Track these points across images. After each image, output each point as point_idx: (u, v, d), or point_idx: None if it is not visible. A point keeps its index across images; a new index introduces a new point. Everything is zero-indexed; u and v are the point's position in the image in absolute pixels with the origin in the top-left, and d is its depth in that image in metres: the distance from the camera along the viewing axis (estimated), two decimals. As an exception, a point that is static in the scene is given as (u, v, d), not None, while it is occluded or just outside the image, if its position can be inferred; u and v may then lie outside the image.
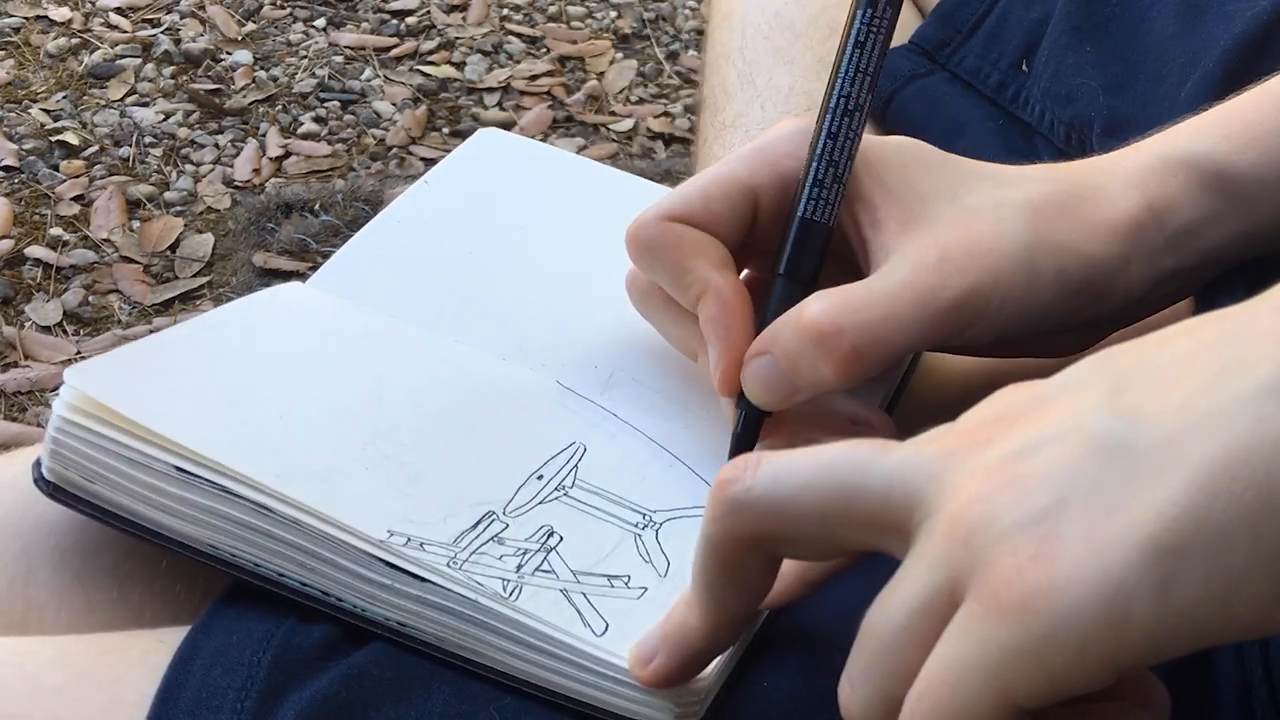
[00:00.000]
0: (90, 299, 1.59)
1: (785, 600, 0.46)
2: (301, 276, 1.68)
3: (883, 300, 0.50)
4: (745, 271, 0.55)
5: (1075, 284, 0.51)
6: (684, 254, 0.53)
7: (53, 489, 0.51)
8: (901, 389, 0.59)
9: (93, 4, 1.97)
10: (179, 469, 0.49)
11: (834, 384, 0.50)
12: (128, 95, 1.83)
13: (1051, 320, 0.52)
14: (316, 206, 1.67)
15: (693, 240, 0.53)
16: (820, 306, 0.50)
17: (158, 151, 1.76)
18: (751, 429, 0.52)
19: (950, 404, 0.41)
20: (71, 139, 1.76)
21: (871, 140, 0.54)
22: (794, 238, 0.53)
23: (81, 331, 1.56)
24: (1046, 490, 0.35)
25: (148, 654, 0.49)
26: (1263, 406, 0.33)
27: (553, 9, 2.04)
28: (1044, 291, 0.51)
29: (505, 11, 2.03)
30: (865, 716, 0.38)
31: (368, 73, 1.89)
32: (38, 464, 0.52)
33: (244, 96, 1.85)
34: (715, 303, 0.52)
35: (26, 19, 1.93)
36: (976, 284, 0.50)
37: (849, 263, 0.54)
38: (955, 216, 0.51)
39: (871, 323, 0.49)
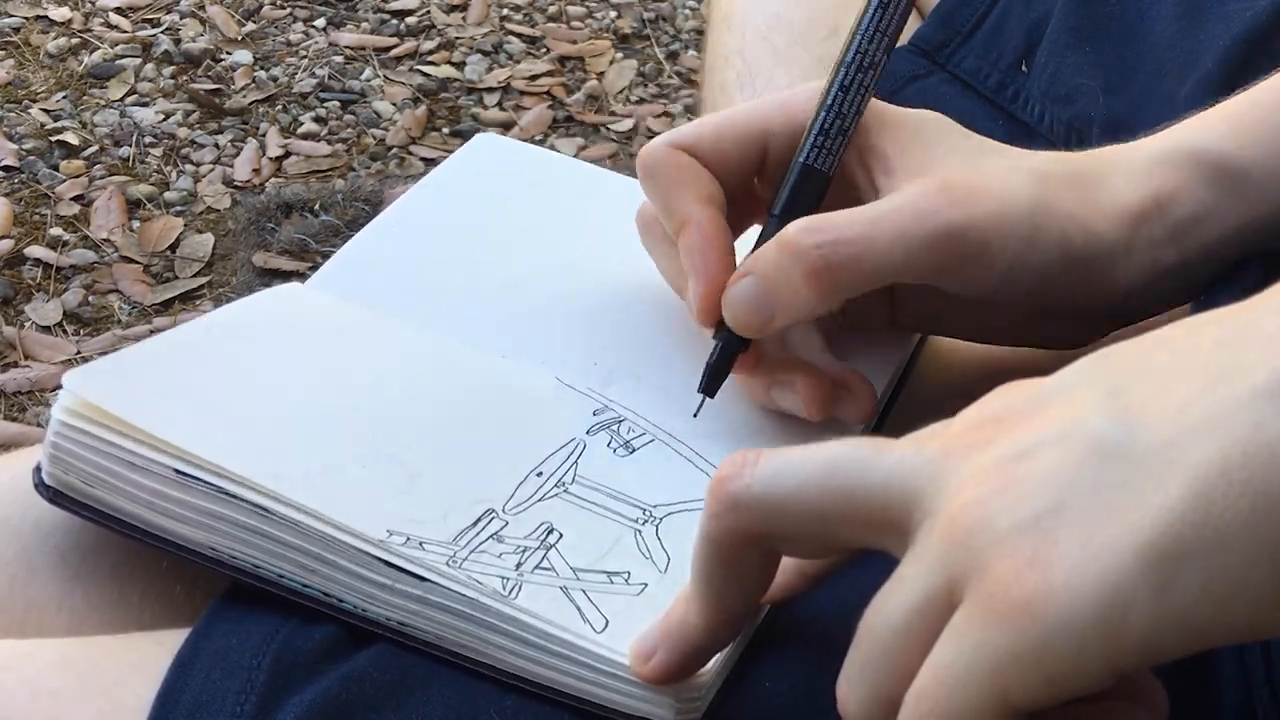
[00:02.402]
0: (90, 299, 1.59)
1: (785, 595, 0.46)
2: (301, 276, 1.68)
3: (865, 220, 0.51)
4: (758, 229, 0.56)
5: (1077, 253, 0.52)
6: (676, 182, 0.54)
7: (53, 494, 0.51)
8: (905, 375, 0.59)
9: (93, 4, 1.97)
10: (178, 472, 0.49)
11: (810, 303, 0.51)
12: (128, 95, 1.83)
13: (1051, 292, 0.52)
14: (316, 206, 1.67)
15: (689, 171, 0.54)
16: (801, 223, 0.51)
17: (158, 151, 1.76)
18: (728, 356, 0.53)
19: (950, 398, 0.41)
20: (71, 139, 1.76)
21: (891, 107, 0.55)
22: (793, 182, 0.54)
23: (81, 331, 1.56)
24: (1044, 494, 0.35)
25: (147, 657, 0.49)
26: (1260, 412, 0.33)
27: (553, 9, 2.04)
28: (1046, 251, 0.51)
29: (505, 11, 2.03)
30: (863, 716, 0.38)
31: (368, 73, 1.89)
32: (38, 469, 0.52)
33: (244, 96, 1.85)
34: (695, 232, 0.53)
35: (26, 19, 1.93)
36: (974, 218, 0.50)
37: None
38: (965, 169, 0.52)
39: (849, 239, 0.50)
